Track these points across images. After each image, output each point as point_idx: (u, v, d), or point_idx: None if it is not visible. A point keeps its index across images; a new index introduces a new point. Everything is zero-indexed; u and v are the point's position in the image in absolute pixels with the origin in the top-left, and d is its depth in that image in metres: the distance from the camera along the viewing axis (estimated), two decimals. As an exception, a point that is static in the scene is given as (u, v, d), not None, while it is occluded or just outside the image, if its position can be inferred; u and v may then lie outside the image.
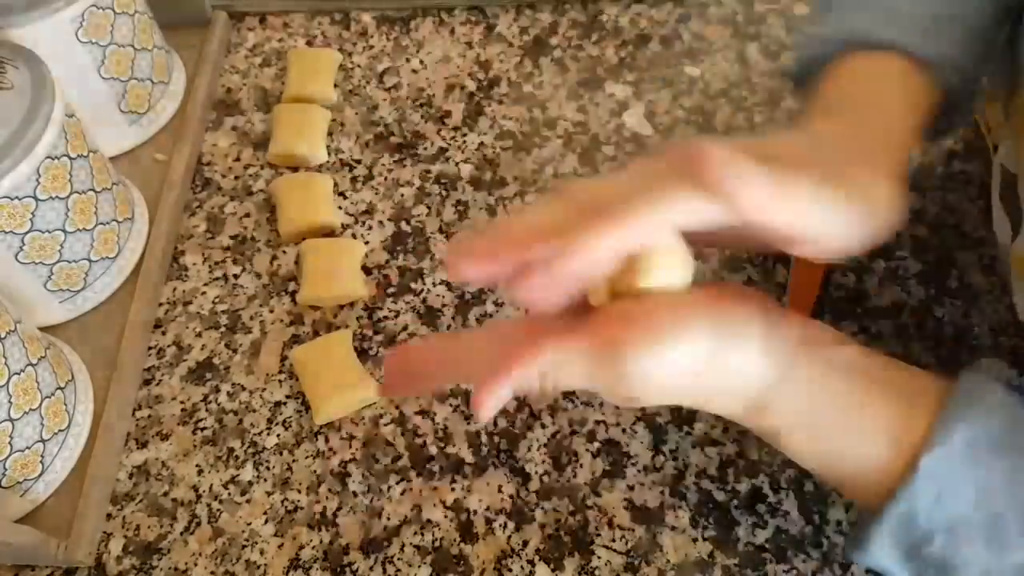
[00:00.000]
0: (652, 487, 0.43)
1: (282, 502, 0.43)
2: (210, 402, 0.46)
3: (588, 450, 0.44)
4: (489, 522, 0.42)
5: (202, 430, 0.45)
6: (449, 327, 0.48)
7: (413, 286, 0.50)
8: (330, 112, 0.57)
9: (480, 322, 0.48)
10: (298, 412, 0.45)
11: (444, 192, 0.54)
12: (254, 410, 0.46)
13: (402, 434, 0.45)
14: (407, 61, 0.61)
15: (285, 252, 0.52)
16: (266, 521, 0.42)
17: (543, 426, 0.45)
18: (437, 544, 0.41)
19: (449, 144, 0.57)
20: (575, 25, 0.63)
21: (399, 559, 0.41)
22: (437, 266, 0.51)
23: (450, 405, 0.45)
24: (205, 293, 0.50)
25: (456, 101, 0.59)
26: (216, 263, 0.51)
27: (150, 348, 0.48)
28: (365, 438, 0.44)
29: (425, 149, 0.56)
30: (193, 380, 0.47)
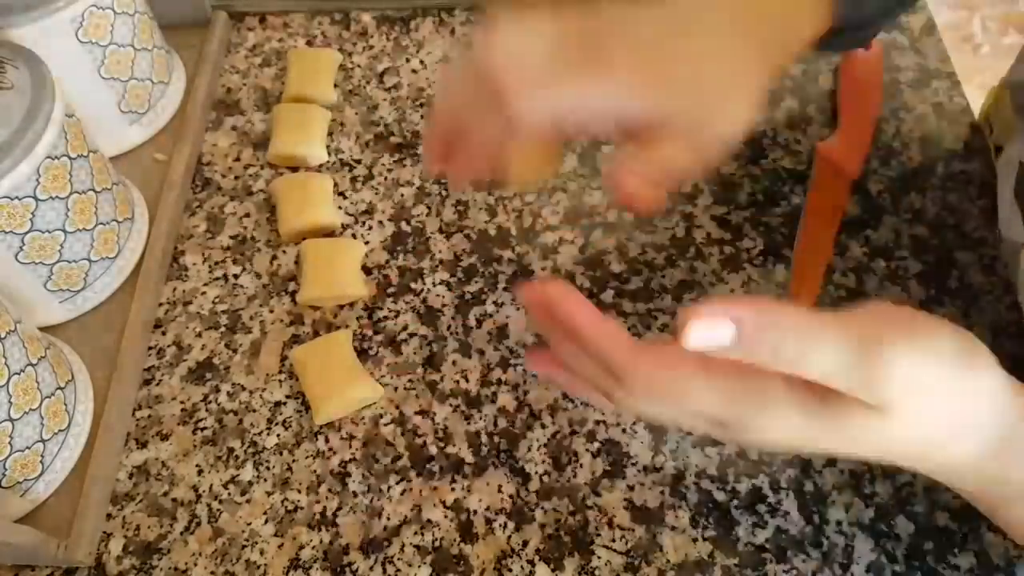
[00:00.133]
0: (652, 487, 0.43)
1: (282, 502, 0.43)
2: (210, 402, 0.46)
3: (588, 450, 0.44)
4: (489, 522, 0.42)
5: (202, 430, 0.45)
6: (449, 327, 0.48)
7: (413, 286, 0.50)
8: (330, 112, 0.57)
9: (480, 322, 0.48)
10: (298, 412, 0.45)
11: (444, 192, 0.54)
12: (254, 410, 0.46)
13: (402, 434, 0.45)
14: (407, 61, 0.61)
15: (285, 252, 0.52)
16: (266, 521, 0.42)
17: (543, 426, 0.45)
18: (437, 544, 0.41)
19: (449, 144, 0.57)
20: (575, 25, 0.63)
21: (399, 559, 0.41)
22: (437, 266, 0.51)
23: (450, 405, 0.45)
24: (205, 293, 0.50)
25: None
26: (216, 263, 0.51)
27: (150, 348, 0.48)
28: (365, 438, 0.45)
29: (425, 149, 0.56)
30: (193, 380, 0.47)
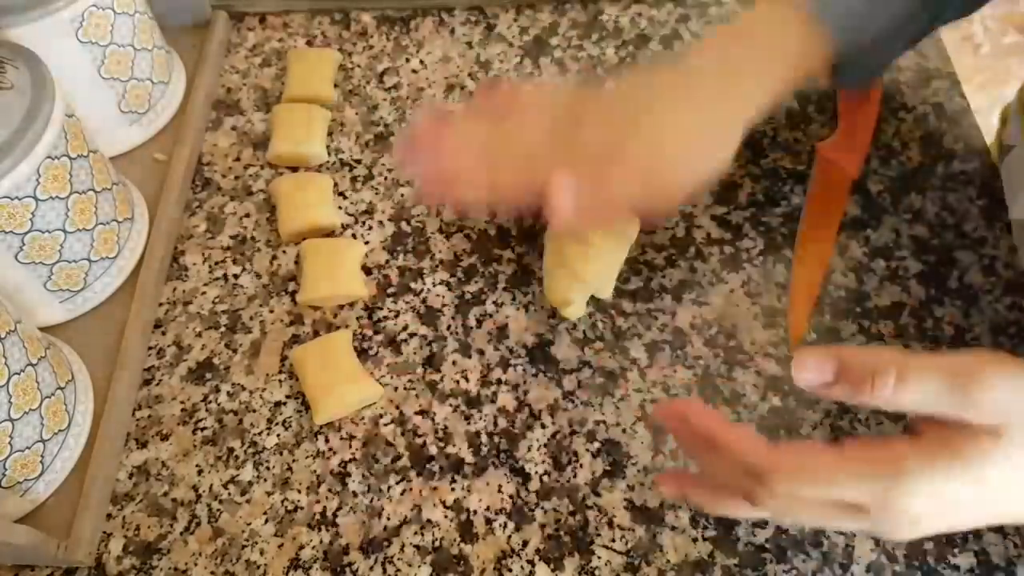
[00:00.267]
0: (652, 487, 0.43)
1: (282, 502, 0.43)
2: (210, 402, 0.46)
3: (588, 450, 0.44)
4: (489, 522, 0.42)
5: (202, 430, 0.45)
6: (449, 327, 0.48)
7: (413, 286, 0.50)
8: (330, 112, 0.57)
9: (480, 322, 0.48)
10: (298, 412, 0.45)
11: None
12: (254, 410, 0.46)
13: (402, 434, 0.45)
14: (407, 61, 0.61)
15: (285, 252, 0.52)
16: (266, 521, 0.42)
17: (543, 426, 0.45)
18: (437, 544, 0.41)
19: (449, 144, 0.57)
20: (575, 25, 0.63)
21: (399, 559, 0.41)
22: (437, 266, 0.51)
23: (450, 405, 0.45)
24: (205, 293, 0.50)
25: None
26: (216, 263, 0.51)
27: (150, 348, 0.48)
28: (365, 438, 0.44)
29: (425, 149, 0.56)
30: (193, 380, 0.47)
